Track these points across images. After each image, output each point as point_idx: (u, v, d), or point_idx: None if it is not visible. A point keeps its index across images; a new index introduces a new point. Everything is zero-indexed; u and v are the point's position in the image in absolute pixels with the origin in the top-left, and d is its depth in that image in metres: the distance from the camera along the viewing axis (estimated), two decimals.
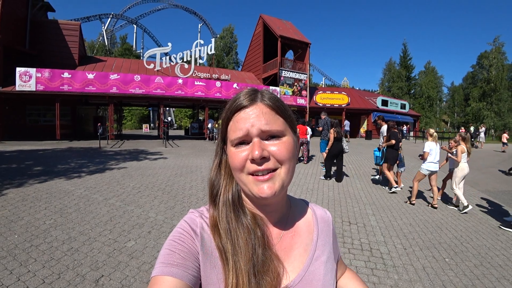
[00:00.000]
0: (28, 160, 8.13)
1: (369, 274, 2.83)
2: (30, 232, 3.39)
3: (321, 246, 0.62)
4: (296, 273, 0.56)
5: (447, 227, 4.32)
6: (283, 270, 0.54)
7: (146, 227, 3.72)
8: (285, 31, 21.84)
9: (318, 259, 0.59)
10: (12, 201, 4.42)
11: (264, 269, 0.51)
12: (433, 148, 5.44)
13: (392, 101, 27.83)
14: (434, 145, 5.46)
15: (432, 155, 5.43)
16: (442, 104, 51.94)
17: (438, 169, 5.50)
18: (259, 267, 0.50)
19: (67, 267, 2.67)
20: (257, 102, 0.54)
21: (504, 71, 36.45)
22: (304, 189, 6.11)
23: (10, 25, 14.31)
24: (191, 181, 6.32)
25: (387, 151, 6.48)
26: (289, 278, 0.55)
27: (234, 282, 0.48)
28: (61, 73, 14.29)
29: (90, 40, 44.66)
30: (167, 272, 0.47)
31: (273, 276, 0.51)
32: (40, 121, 16.32)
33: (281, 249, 0.57)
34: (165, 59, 18.13)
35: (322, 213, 0.69)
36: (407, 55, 45.47)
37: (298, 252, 0.59)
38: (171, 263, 0.48)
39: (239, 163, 0.52)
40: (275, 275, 0.52)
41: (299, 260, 0.58)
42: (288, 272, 0.55)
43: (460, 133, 5.70)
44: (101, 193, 5.14)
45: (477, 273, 2.96)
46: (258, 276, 0.49)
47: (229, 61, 45.96)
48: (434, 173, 5.51)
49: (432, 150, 5.42)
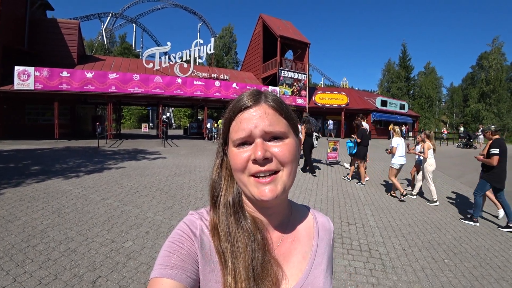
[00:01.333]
0: (26, 160, 8.09)
1: (368, 275, 2.83)
2: (27, 232, 3.37)
3: (320, 254, 0.61)
4: (296, 281, 0.55)
5: (446, 227, 4.32)
6: (282, 275, 0.54)
7: (144, 227, 3.70)
8: (284, 31, 21.83)
9: (317, 267, 0.58)
10: (9, 201, 4.39)
11: (263, 273, 0.50)
12: (400, 143, 5.97)
13: (391, 101, 27.88)
14: (400, 140, 6.00)
15: (400, 150, 5.93)
16: (441, 105, 52.05)
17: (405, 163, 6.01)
18: (258, 271, 0.50)
19: (64, 267, 2.65)
20: (261, 103, 0.53)
21: (503, 72, 36.55)
22: (303, 190, 6.10)
23: (8, 24, 14.24)
24: (189, 181, 6.30)
25: (358, 148, 7.08)
26: (288, 284, 0.54)
27: (232, 286, 0.48)
28: (59, 72, 14.24)
29: (89, 39, 44.56)
30: (166, 274, 0.47)
31: (272, 281, 0.51)
32: (39, 120, 16.26)
33: (280, 254, 0.57)
34: (164, 59, 18.10)
35: (324, 221, 0.67)
36: (406, 56, 45.58)
37: (297, 258, 0.58)
38: (170, 265, 0.48)
39: (241, 163, 0.51)
40: (274, 280, 0.51)
41: (297, 267, 0.57)
42: (287, 278, 0.55)
43: (424, 131, 6.21)
44: (99, 193, 5.11)
45: (476, 274, 2.96)
46: (257, 280, 0.49)
47: (228, 61, 45.95)
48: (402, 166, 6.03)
49: (399, 145, 5.95)
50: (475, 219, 4.52)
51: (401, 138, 6.06)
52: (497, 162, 4.36)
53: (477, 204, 4.54)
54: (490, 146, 4.52)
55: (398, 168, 5.92)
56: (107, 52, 41.33)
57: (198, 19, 48.17)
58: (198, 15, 48.01)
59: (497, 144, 4.45)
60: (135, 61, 20.50)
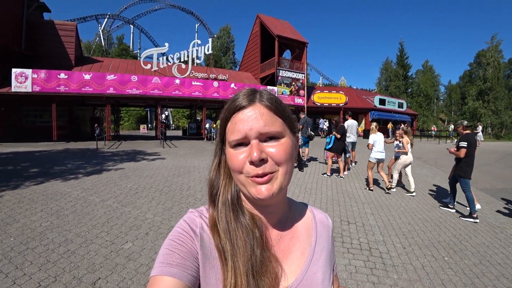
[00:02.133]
0: (25, 162, 8.06)
1: (369, 274, 2.82)
2: (26, 234, 3.35)
3: (319, 251, 0.61)
4: (294, 277, 0.55)
5: (446, 225, 4.32)
6: (281, 271, 0.54)
7: (143, 228, 3.69)
8: (282, 30, 21.84)
9: (316, 264, 0.59)
10: (8, 203, 4.37)
11: (262, 270, 0.50)
12: (376, 140, 6.33)
13: (390, 100, 27.97)
14: (377, 137, 6.35)
15: (376, 146, 6.31)
16: (439, 103, 52.20)
17: (384, 157, 6.40)
18: (258, 268, 0.50)
19: (64, 269, 2.63)
20: (256, 103, 0.53)
21: (501, 70, 36.66)
22: (302, 189, 6.10)
23: (5, 26, 14.18)
24: (189, 182, 6.29)
25: (334, 142, 7.44)
26: (287, 280, 0.54)
27: (232, 283, 0.48)
28: (57, 74, 14.20)
29: (87, 41, 44.45)
30: (166, 272, 0.47)
31: (272, 277, 0.51)
32: (36, 122, 16.20)
33: (279, 251, 0.57)
34: (162, 60, 18.06)
35: (322, 217, 0.68)
36: (404, 54, 45.65)
37: (296, 255, 0.58)
38: (170, 263, 0.48)
39: (238, 164, 0.52)
40: (273, 276, 0.52)
41: (296, 264, 0.57)
42: (286, 274, 0.55)
43: (402, 127, 6.63)
44: (98, 194, 5.09)
45: (476, 271, 2.96)
46: (257, 276, 0.49)
47: (226, 61, 45.95)
48: (381, 161, 6.44)
49: (375, 141, 6.33)
50: (474, 214, 4.57)
51: (378, 134, 6.44)
52: (464, 155, 4.84)
53: (469, 199, 4.70)
54: (459, 140, 5.02)
55: (374, 162, 6.34)
56: (105, 54, 41.22)
57: (196, 20, 48.04)
58: (195, 16, 47.89)
59: (465, 138, 4.93)
60: (133, 62, 20.46)
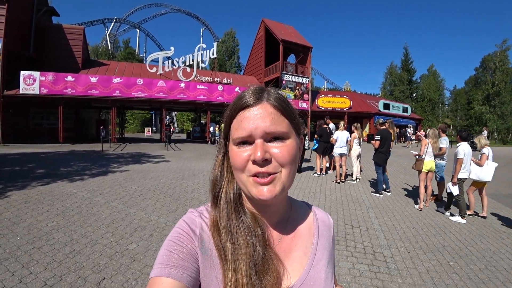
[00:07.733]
0: (31, 163, 8.17)
1: (373, 278, 2.81)
2: (32, 234, 3.40)
3: (321, 250, 0.61)
4: (297, 276, 0.55)
5: (451, 230, 4.28)
6: (283, 270, 0.54)
7: (148, 229, 3.72)
8: (287, 35, 21.94)
9: (319, 263, 0.59)
10: (14, 203, 4.43)
11: (264, 268, 0.50)
12: (339, 136, 7.36)
13: (394, 104, 27.84)
14: (340, 133, 7.35)
15: (338, 142, 7.33)
16: (444, 108, 51.75)
17: (345, 152, 7.38)
18: (260, 266, 0.49)
19: (69, 269, 2.66)
20: (263, 102, 0.52)
21: (508, 75, 36.29)
22: (306, 193, 6.09)
23: (15, 30, 14.50)
24: (193, 184, 6.32)
25: (319, 143, 8.09)
26: (290, 279, 0.54)
27: (233, 281, 0.47)
28: (64, 77, 14.44)
29: (94, 44, 45.05)
30: (166, 274, 0.46)
31: (274, 276, 0.50)
32: (43, 124, 16.45)
33: (281, 250, 0.56)
34: (167, 63, 18.26)
35: (323, 216, 0.68)
36: (409, 59, 45.49)
37: (298, 254, 0.58)
38: (170, 264, 0.48)
39: (241, 163, 0.51)
40: (275, 274, 0.51)
41: (298, 263, 0.57)
42: (289, 273, 0.55)
43: (353, 124, 7.73)
44: (104, 195, 5.14)
45: (482, 276, 2.92)
46: (259, 275, 0.49)
47: (231, 65, 46.19)
48: (343, 155, 7.35)
49: (338, 137, 7.36)
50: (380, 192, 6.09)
51: (343, 132, 7.36)
52: (378, 146, 6.14)
53: (378, 180, 6.11)
54: (376, 134, 6.30)
55: (338, 156, 7.28)
56: (111, 57, 41.76)
57: (201, 24, 48.56)
58: (200, 20, 48.41)
59: (379, 132, 6.26)
60: (139, 66, 20.70)
